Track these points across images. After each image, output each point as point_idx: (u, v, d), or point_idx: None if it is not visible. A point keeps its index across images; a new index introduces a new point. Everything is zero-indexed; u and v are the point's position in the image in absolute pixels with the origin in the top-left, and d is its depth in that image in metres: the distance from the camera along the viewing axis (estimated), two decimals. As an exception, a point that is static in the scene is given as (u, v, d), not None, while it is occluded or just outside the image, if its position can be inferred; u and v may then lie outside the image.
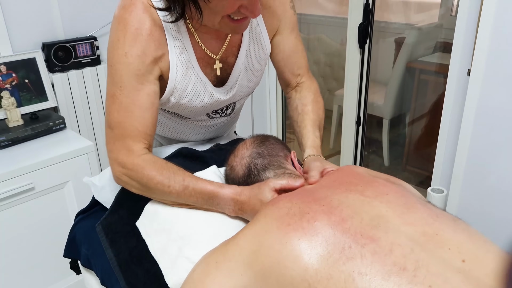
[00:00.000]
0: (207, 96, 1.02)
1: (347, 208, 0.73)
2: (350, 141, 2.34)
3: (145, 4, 0.88)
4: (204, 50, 0.97)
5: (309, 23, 3.14)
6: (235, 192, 0.90)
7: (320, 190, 0.81)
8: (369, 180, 0.82)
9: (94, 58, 2.02)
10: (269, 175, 0.94)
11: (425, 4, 2.60)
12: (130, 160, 0.92)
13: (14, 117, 1.74)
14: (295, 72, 1.13)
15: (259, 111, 2.55)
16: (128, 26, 0.88)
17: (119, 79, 0.90)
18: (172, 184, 0.90)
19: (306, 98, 1.13)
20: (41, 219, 1.67)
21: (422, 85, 2.50)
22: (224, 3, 0.80)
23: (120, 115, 0.91)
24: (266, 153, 0.97)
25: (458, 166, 1.58)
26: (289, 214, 0.73)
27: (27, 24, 1.86)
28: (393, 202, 0.74)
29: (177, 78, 0.96)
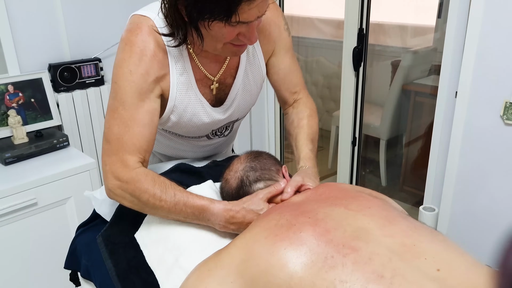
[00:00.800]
0: (206, 116, 1.07)
1: (331, 220, 0.77)
2: (346, 161, 2.39)
3: (150, 28, 0.95)
4: (204, 72, 1.03)
5: (307, 46, 3.23)
6: (226, 207, 0.94)
7: (308, 203, 0.86)
8: (353, 195, 0.87)
9: (98, 79, 2.09)
10: (259, 186, 0.99)
11: (420, 28, 2.68)
12: (125, 173, 0.94)
13: (20, 134, 1.80)
14: (292, 90, 1.19)
15: (258, 131, 2.60)
16: (133, 47, 0.94)
17: (122, 95, 0.95)
18: (164, 198, 0.94)
19: (302, 112, 1.19)
20: (42, 234, 1.71)
21: (418, 107, 2.56)
22: (223, 31, 0.86)
23: (119, 130, 0.95)
24: (258, 167, 1.02)
25: (447, 185, 1.63)
26: (277, 226, 0.78)
27: (35, 46, 1.94)
28: (375, 215, 0.78)
29: (177, 97, 1.01)
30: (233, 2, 0.79)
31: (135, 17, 0.98)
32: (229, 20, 0.82)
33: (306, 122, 1.17)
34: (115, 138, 0.95)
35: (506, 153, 1.50)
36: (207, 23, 0.84)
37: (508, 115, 1.44)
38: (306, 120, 1.17)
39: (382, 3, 2.42)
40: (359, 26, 2.08)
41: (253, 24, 0.88)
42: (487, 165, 1.55)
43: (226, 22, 0.83)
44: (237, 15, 0.82)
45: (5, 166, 1.72)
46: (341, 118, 2.32)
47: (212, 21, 0.83)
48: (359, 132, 2.30)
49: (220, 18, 0.82)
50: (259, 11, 0.85)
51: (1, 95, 1.82)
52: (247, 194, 0.99)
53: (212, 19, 0.83)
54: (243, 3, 0.80)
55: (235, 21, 0.83)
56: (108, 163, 0.96)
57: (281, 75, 1.16)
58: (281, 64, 1.15)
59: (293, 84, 1.18)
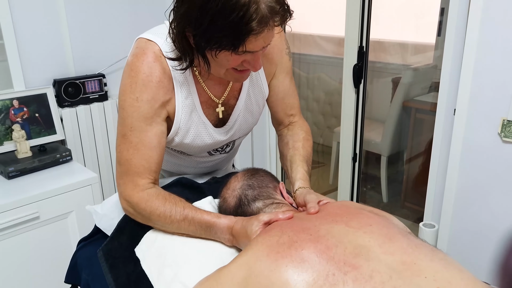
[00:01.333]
0: (208, 137, 1.10)
1: (332, 237, 0.78)
2: (347, 177, 2.40)
3: (156, 53, 0.97)
4: (209, 94, 1.06)
5: (309, 63, 3.26)
6: (230, 222, 0.96)
7: (309, 220, 0.87)
8: (354, 212, 0.88)
9: (102, 94, 2.12)
10: (258, 205, 1.00)
11: (420, 46, 2.71)
12: (135, 193, 1.00)
13: (23, 149, 1.82)
14: (288, 112, 1.22)
15: (259, 147, 2.61)
16: (139, 73, 0.97)
17: (129, 121, 0.98)
18: (173, 215, 0.98)
19: (298, 135, 1.21)
20: (44, 248, 1.72)
21: (418, 124, 2.57)
22: (229, 58, 0.89)
23: (128, 153, 0.99)
24: (256, 184, 1.03)
25: (447, 202, 1.63)
26: (279, 243, 0.78)
27: (41, 62, 1.98)
28: (375, 233, 0.79)
29: (181, 120, 1.04)
30: (241, 34, 0.82)
31: (141, 41, 1.00)
32: (236, 50, 0.85)
33: (302, 144, 1.19)
34: (126, 161, 1.00)
35: (505, 170, 1.50)
36: (214, 52, 0.87)
37: (506, 133, 1.45)
38: (302, 142, 1.19)
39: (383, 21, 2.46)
40: (359, 43, 2.11)
41: (258, 53, 0.91)
42: (486, 182, 1.56)
43: (233, 52, 0.86)
44: (244, 45, 0.84)
45: (8, 180, 1.74)
46: (342, 134, 2.34)
47: (220, 51, 0.86)
48: (359, 149, 2.32)
49: (227, 48, 0.85)
50: (264, 42, 0.87)
51: (6, 109, 1.85)
52: (246, 213, 1.00)
53: (220, 49, 0.85)
54: (251, 36, 0.82)
55: (241, 51, 0.86)
56: (121, 184, 1.02)
57: (280, 97, 1.19)
58: (280, 86, 1.17)
59: (290, 106, 1.21)
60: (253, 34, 0.82)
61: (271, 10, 0.82)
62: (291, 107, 1.21)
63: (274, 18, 0.84)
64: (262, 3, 0.81)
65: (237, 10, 0.79)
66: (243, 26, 0.80)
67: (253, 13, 0.79)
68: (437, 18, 2.35)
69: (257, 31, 0.82)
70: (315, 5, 3.04)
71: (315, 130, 3.27)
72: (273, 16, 0.83)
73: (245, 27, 0.81)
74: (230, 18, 0.79)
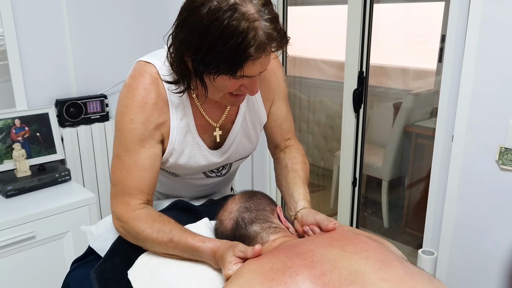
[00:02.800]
0: (203, 158, 1.10)
1: (327, 262, 0.77)
2: (347, 201, 2.38)
3: (153, 76, 0.99)
4: (206, 118, 1.07)
5: (310, 86, 3.28)
6: (214, 247, 0.95)
7: (304, 244, 0.86)
8: (350, 236, 0.87)
9: (103, 115, 2.14)
10: (255, 228, 0.99)
11: (421, 71, 2.73)
12: (125, 213, 1.00)
13: (23, 168, 1.83)
14: (285, 136, 1.23)
15: (259, 171, 2.61)
16: (135, 95, 0.98)
17: (124, 142, 0.99)
18: (159, 236, 0.97)
19: (296, 158, 1.22)
20: (39, 268, 1.71)
21: (419, 149, 2.56)
22: (227, 83, 0.90)
23: (121, 174, 1.00)
24: (253, 207, 1.03)
25: (446, 229, 1.62)
26: (272, 269, 0.77)
27: (44, 82, 2.00)
28: (371, 258, 0.78)
29: (176, 141, 1.04)
30: (239, 60, 0.83)
31: (140, 64, 1.02)
32: (234, 74, 0.86)
33: (300, 167, 1.19)
34: (118, 182, 1.01)
35: (503, 198, 1.49)
36: (212, 76, 0.88)
37: (504, 160, 1.44)
38: (300, 165, 1.20)
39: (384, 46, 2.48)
40: (359, 68, 2.13)
41: (256, 78, 0.93)
42: (485, 210, 1.54)
43: (230, 76, 0.87)
44: (242, 70, 0.86)
45: (6, 199, 1.74)
46: (342, 158, 2.33)
47: (218, 75, 0.87)
48: (359, 173, 2.31)
49: (225, 73, 0.86)
50: (261, 67, 0.89)
51: (8, 128, 1.87)
52: (243, 237, 0.99)
53: (218, 74, 0.87)
54: (249, 61, 0.84)
55: (239, 76, 0.87)
56: (113, 204, 1.03)
57: (278, 123, 1.21)
58: (279, 112, 1.19)
59: (287, 131, 1.23)
60: (251, 59, 0.84)
61: (268, 36, 0.84)
62: (287, 131, 1.23)
63: (271, 44, 0.85)
64: (260, 30, 0.82)
65: (235, 37, 0.81)
66: (242, 52, 0.82)
67: (251, 39, 0.81)
68: (438, 45, 2.37)
69: (255, 56, 0.83)
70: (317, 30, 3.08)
71: (316, 153, 3.27)
72: (270, 42, 0.85)
73: (243, 53, 0.82)
74: (229, 44, 0.81)
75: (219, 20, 0.81)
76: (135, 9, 2.24)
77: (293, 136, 1.25)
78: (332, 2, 2.93)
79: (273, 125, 1.21)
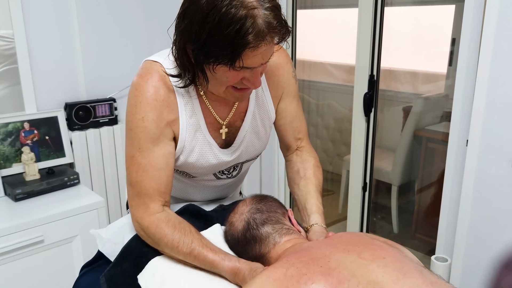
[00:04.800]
0: (213, 157, 1.09)
1: (344, 270, 0.74)
2: (356, 206, 2.35)
3: (160, 73, 0.99)
4: (214, 115, 1.06)
5: (319, 90, 3.27)
6: (234, 267, 0.95)
7: (318, 248, 0.83)
8: (366, 241, 0.84)
9: (112, 118, 2.14)
10: (267, 229, 0.98)
11: (431, 75, 2.70)
12: (146, 217, 0.99)
13: (32, 171, 1.83)
14: (296, 136, 1.21)
15: (267, 175, 2.59)
16: (144, 92, 0.97)
17: (137, 141, 0.99)
18: (180, 246, 0.97)
19: (308, 162, 1.19)
20: (47, 272, 1.70)
21: (430, 153, 2.53)
22: (228, 74, 0.89)
23: (138, 175, 0.99)
24: (264, 209, 1.02)
25: (460, 235, 1.59)
26: (286, 276, 0.75)
27: (53, 85, 2.00)
28: (389, 267, 0.76)
29: (186, 139, 1.03)
30: (237, 48, 0.82)
31: (147, 63, 1.02)
32: (233, 65, 0.85)
33: (313, 172, 1.17)
34: (136, 183, 1.00)
35: (520, 203, 1.46)
36: (212, 66, 0.88)
37: (520, 165, 1.42)
38: (312, 170, 1.18)
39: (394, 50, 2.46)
40: (369, 72, 2.11)
41: (257, 70, 0.91)
42: (501, 216, 1.51)
43: (230, 66, 0.86)
44: (241, 60, 0.85)
45: (15, 202, 1.74)
46: (352, 163, 2.31)
47: (217, 65, 0.87)
48: (369, 178, 2.29)
49: (224, 63, 0.85)
50: (263, 58, 0.88)
51: (17, 132, 1.87)
52: (255, 237, 0.98)
53: (217, 63, 0.86)
54: (247, 49, 0.83)
55: (239, 66, 0.86)
56: (133, 206, 1.02)
57: (288, 121, 1.18)
58: (288, 109, 1.17)
59: (297, 130, 1.20)
60: (250, 47, 0.83)
61: (268, 25, 0.83)
62: (299, 130, 1.21)
63: (271, 33, 0.84)
64: (259, 18, 0.82)
65: (233, 24, 0.80)
66: (239, 40, 0.81)
67: (249, 27, 0.81)
68: (448, 48, 2.35)
69: (254, 44, 0.82)
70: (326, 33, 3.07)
71: (325, 157, 3.25)
72: (270, 31, 0.83)
73: (241, 41, 0.81)
74: (227, 31, 0.81)
75: (217, 7, 0.81)
76: (144, 14, 2.24)
77: (305, 136, 1.22)
78: (342, 5, 2.91)
79: (282, 123, 1.18)
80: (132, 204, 1.02)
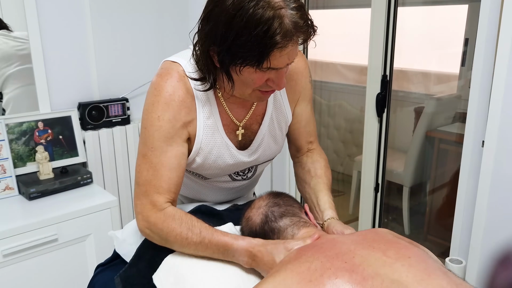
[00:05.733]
0: (230, 158, 1.09)
1: (368, 267, 0.74)
2: (368, 207, 2.34)
3: (180, 74, 0.99)
4: (230, 117, 1.06)
5: (330, 90, 3.26)
6: (249, 244, 0.94)
7: (343, 243, 0.83)
8: (391, 240, 0.83)
9: (125, 118, 2.15)
10: (286, 221, 0.98)
11: (444, 76, 2.68)
12: (152, 214, 0.98)
13: (46, 170, 1.84)
14: (308, 139, 1.22)
15: (278, 176, 2.59)
16: (162, 92, 0.98)
17: (151, 140, 0.98)
18: (190, 236, 0.96)
19: (319, 162, 1.20)
20: (61, 271, 1.71)
21: (442, 154, 2.51)
22: (253, 76, 0.90)
23: (148, 174, 0.99)
24: (282, 203, 1.02)
25: (475, 237, 1.57)
26: (310, 269, 0.74)
27: (67, 85, 2.02)
28: (414, 267, 0.74)
29: (203, 140, 1.04)
30: (266, 48, 0.83)
31: (166, 63, 1.02)
32: (260, 65, 0.85)
33: (323, 172, 1.18)
34: (145, 182, 0.99)
35: (537, 205, 1.44)
36: (238, 68, 0.87)
37: (538, 167, 1.40)
38: (323, 170, 1.19)
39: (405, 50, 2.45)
40: (382, 72, 2.10)
41: (282, 71, 0.91)
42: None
43: (257, 68, 0.86)
44: (268, 61, 0.85)
45: (29, 201, 1.75)
46: (364, 164, 2.30)
47: (244, 66, 0.87)
48: (382, 179, 2.27)
49: (251, 64, 0.85)
50: (288, 58, 0.88)
51: (31, 131, 1.88)
52: (273, 230, 0.98)
53: (244, 65, 0.86)
54: (275, 50, 0.83)
55: (266, 67, 0.86)
56: (139, 205, 1.01)
57: (302, 124, 1.19)
58: (304, 114, 1.18)
59: (309, 134, 1.22)
60: (278, 48, 0.83)
61: (295, 25, 0.83)
62: (310, 134, 1.22)
63: (298, 33, 0.84)
64: (286, 18, 0.82)
65: (261, 24, 0.81)
66: (268, 40, 0.82)
67: (277, 27, 0.81)
68: (461, 49, 2.33)
69: (282, 44, 0.83)
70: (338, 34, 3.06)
71: (335, 158, 3.24)
72: (297, 30, 0.84)
73: (269, 41, 0.82)
74: (255, 33, 0.81)
75: (244, 9, 0.81)
76: (156, 14, 2.25)
77: (315, 139, 1.24)
78: (355, 5, 2.90)
79: (296, 127, 1.19)
80: (138, 203, 1.01)
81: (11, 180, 1.80)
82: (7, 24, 1.89)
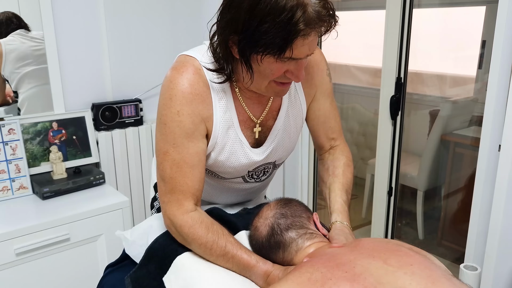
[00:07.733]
0: (243, 156, 1.07)
1: (370, 276, 0.73)
2: (381, 211, 2.31)
3: (196, 67, 0.97)
4: (247, 113, 1.05)
5: (343, 93, 3.24)
6: (268, 270, 0.94)
7: (343, 254, 0.82)
8: (392, 248, 0.82)
9: (138, 119, 2.16)
10: (291, 235, 0.97)
11: (460, 78, 2.64)
12: (179, 215, 0.98)
13: (59, 170, 1.86)
14: (329, 136, 1.19)
15: (290, 179, 2.58)
16: (179, 85, 0.96)
17: (172, 136, 0.97)
18: (214, 248, 0.96)
19: (339, 160, 1.18)
20: (72, 270, 1.72)
21: (457, 158, 2.47)
22: (273, 66, 0.89)
23: (172, 171, 0.98)
24: (289, 213, 1.00)
25: (491, 244, 1.53)
26: (311, 280, 0.74)
27: (81, 86, 2.04)
28: (417, 274, 0.73)
29: (219, 135, 1.02)
30: (289, 35, 0.82)
31: (182, 57, 1.01)
32: (282, 54, 0.85)
33: (342, 171, 1.15)
34: (170, 179, 0.98)
35: (556, 212, 1.40)
36: (260, 56, 0.86)
37: (557, 172, 1.36)
38: (342, 169, 1.16)
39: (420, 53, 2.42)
40: (397, 75, 2.07)
41: (302, 62, 0.91)
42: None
43: (278, 57, 0.86)
44: (291, 49, 0.84)
45: (43, 201, 1.77)
46: (377, 167, 2.27)
47: (265, 55, 0.86)
48: (395, 182, 2.24)
49: (273, 52, 0.85)
50: (309, 49, 0.87)
51: (46, 131, 1.90)
52: (279, 243, 0.97)
53: (266, 53, 0.85)
54: (299, 37, 0.83)
55: (287, 56, 0.86)
56: (166, 203, 1.00)
57: (321, 120, 1.16)
58: (321, 109, 1.15)
59: (331, 130, 1.18)
60: (301, 35, 0.83)
61: (318, 14, 0.83)
62: (332, 130, 1.19)
63: (321, 22, 0.84)
64: (309, 7, 0.82)
65: (285, 12, 0.80)
66: (292, 27, 0.81)
67: (300, 15, 0.81)
68: (478, 51, 2.29)
69: (305, 32, 0.83)
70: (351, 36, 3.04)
71: (349, 161, 3.21)
72: (320, 20, 0.84)
73: (293, 28, 0.81)
74: (279, 19, 0.81)
75: None
76: (170, 15, 2.26)
77: (338, 136, 1.20)
78: (369, 7, 2.88)
79: (315, 123, 1.17)
80: (164, 200, 1.00)
81: (25, 180, 1.82)
82: (27, 24, 1.92)
